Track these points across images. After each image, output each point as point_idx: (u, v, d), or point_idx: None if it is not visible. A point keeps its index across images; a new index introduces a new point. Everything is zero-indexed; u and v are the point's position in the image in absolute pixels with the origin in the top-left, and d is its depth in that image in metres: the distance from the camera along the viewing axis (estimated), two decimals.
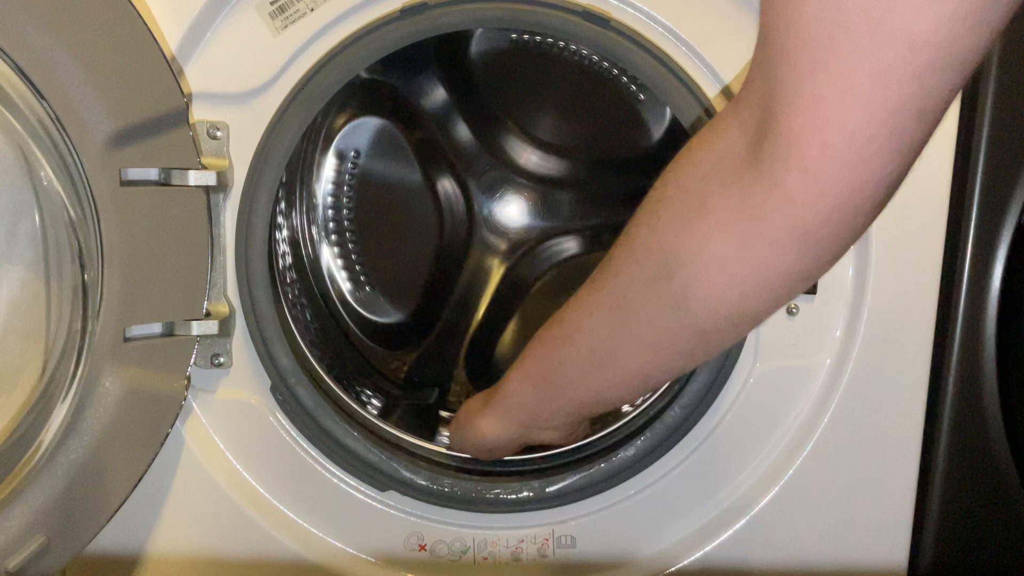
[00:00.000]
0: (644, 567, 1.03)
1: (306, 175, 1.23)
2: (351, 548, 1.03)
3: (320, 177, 1.24)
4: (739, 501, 1.01)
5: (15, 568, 0.83)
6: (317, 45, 0.91)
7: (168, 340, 0.90)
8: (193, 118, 0.91)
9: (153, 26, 0.87)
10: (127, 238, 0.85)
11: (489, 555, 1.03)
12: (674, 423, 0.99)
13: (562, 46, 1.15)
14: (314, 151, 1.23)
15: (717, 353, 0.74)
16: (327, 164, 1.24)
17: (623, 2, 0.91)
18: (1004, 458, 0.96)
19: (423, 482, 1.01)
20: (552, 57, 1.18)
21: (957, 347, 0.94)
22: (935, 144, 0.89)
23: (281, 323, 0.97)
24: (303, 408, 0.98)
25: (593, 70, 1.17)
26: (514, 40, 1.19)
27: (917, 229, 0.92)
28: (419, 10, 0.89)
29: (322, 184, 1.25)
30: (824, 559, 1.01)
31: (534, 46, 1.18)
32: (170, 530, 1.00)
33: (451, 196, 1.28)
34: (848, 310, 0.96)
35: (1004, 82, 0.89)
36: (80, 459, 0.86)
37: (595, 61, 1.15)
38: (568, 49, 1.15)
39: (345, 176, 1.25)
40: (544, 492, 1.01)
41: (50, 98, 0.80)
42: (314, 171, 1.24)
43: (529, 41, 1.17)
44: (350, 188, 1.26)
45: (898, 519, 0.99)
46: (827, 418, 0.97)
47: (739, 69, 0.91)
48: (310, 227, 1.25)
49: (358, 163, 1.25)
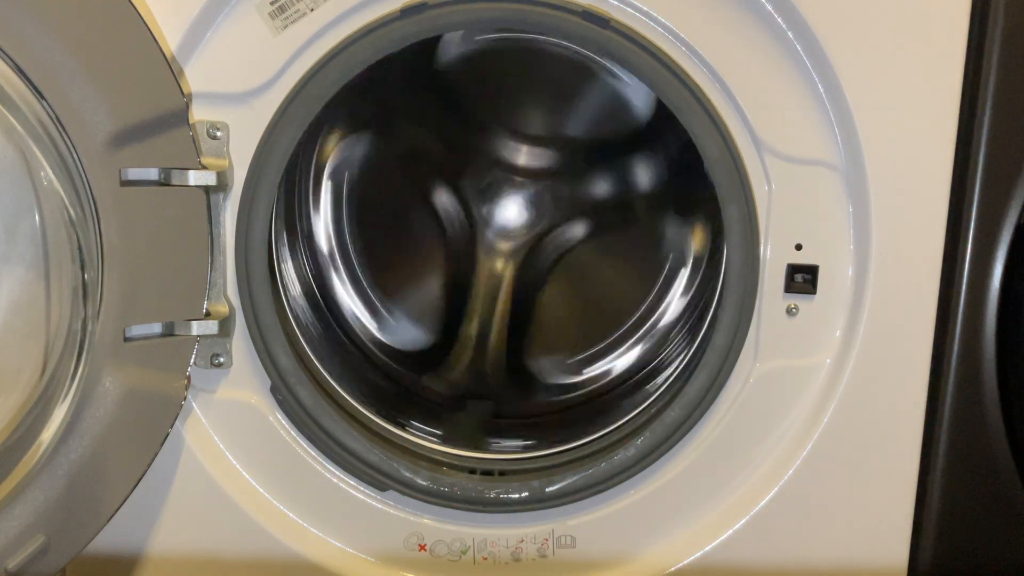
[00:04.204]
0: (644, 567, 1.03)
1: (304, 214, 1.24)
2: (351, 548, 1.04)
3: (319, 212, 1.25)
4: (739, 501, 1.01)
5: (15, 568, 0.83)
6: (317, 45, 0.92)
7: (168, 340, 0.90)
8: (193, 118, 0.91)
9: (153, 26, 0.87)
10: (127, 238, 0.85)
11: (489, 555, 1.03)
12: (674, 423, 0.99)
13: (531, 37, 1.15)
14: (308, 186, 1.24)
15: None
16: (323, 199, 1.25)
17: (623, 2, 0.91)
18: (1004, 458, 0.96)
19: (423, 482, 1.01)
20: (526, 50, 1.18)
21: (957, 347, 0.94)
22: (935, 144, 0.90)
23: (281, 323, 0.97)
24: (303, 408, 0.98)
25: (569, 57, 1.17)
26: (483, 41, 1.19)
27: (917, 229, 0.92)
28: (419, 10, 0.89)
29: (322, 221, 1.25)
30: (824, 559, 1.01)
31: (504, 43, 1.18)
32: (170, 530, 1.00)
33: (449, 208, 1.28)
34: (848, 310, 0.96)
35: (1004, 82, 0.89)
36: (80, 459, 0.86)
37: (569, 47, 1.15)
38: (538, 39, 1.15)
39: (343, 207, 1.26)
40: (544, 492, 1.01)
41: (50, 98, 0.80)
42: (310, 206, 1.24)
43: (498, 39, 1.17)
44: (350, 218, 1.26)
45: (898, 519, 0.99)
46: (827, 418, 0.97)
47: (739, 69, 0.91)
48: (320, 270, 1.26)
49: (353, 189, 1.26)
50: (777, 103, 0.92)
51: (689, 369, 1.02)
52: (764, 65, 0.91)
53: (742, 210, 0.93)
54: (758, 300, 0.96)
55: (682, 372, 1.06)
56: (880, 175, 0.91)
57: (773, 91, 0.92)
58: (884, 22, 0.88)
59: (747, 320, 0.96)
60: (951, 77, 0.89)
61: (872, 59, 0.89)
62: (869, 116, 0.90)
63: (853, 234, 0.95)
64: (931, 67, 0.89)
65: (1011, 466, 0.96)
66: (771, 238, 0.95)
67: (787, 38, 0.90)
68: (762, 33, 0.90)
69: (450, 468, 1.04)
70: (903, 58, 0.89)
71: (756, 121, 0.92)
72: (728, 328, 0.96)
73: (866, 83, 0.89)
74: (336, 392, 1.05)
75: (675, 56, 0.91)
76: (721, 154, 0.92)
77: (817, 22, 0.88)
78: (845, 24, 0.88)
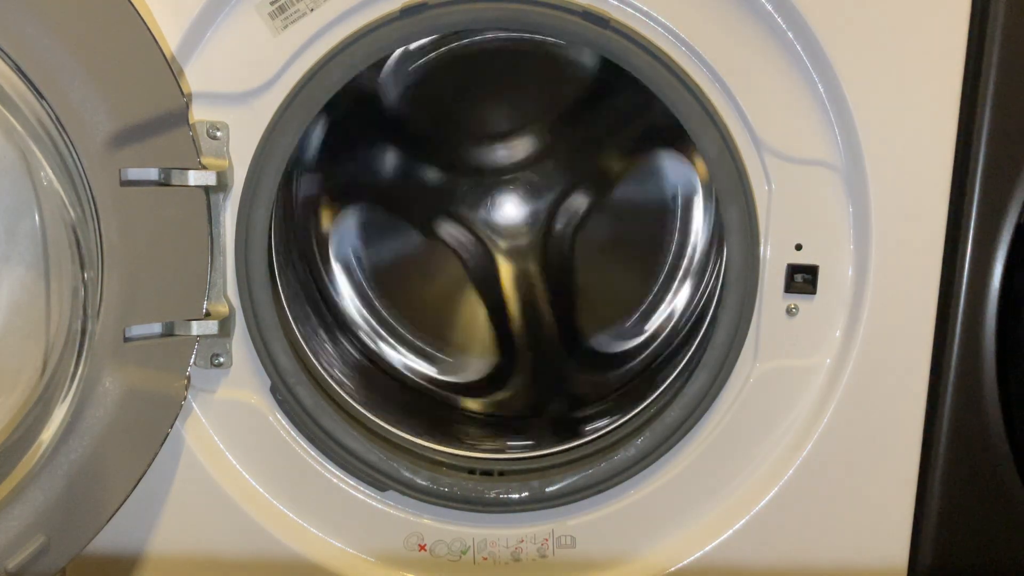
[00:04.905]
0: (644, 567, 1.03)
1: (330, 304, 1.25)
2: (351, 548, 1.04)
3: (343, 296, 1.26)
4: (739, 501, 1.01)
5: (15, 568, 0.83)
6: (317, 45, 0.92)
7: (168, 340, 0.90)
8: (193, 118, 0.91)
9: (153, 26, 0.87)
10: (127, 238, 0.85)
11: (489, 555, 1.03)
12: (674, 423, 0.99)
13: (460, 33, 1.16)
14: (324, 278, 1.26)
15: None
16: (338, 280, 1.26)
17: (623, 2, 0.91)
18: (1004, 458, 0.96)
19: (423, 482, 1.01)
20: (461, 56, 1.19)
21: (957, 347, 0.94)
22: (935, 144, 0.90)
23: (281, 323, 0.97)
24: (303, 408, 0.98)
25: (504, 48, 1.18)
26: (417, 67, 1.20)
27: (917, 229, 0.92)
28: (419, 10, 0.89)
29: (350, 304, 1.27)
30: (824, 559, 1.01)
31: (439, 59, 1.19)
32: (170, 530, 1.00)
33: (457, 236, 1.29)
34: (848, 310, 0.96)
35: (1004, 82, 0.89)
36: (80, 459, 0.86)
37: (506, 34, 1.16)
38: (470, 32, 1.15)
39: (363, 282, 1.27)
40: (544, 492, 1.01)
41: (50, 98, 0.80)
42: (333, 294, 1.26)
43: (428, 46, 1.18)
44: (374, 288, 1.28)
45: (898, 519, 0.99)
46: (827, 418, 0.97)
47: (739, 69, 0.91)
48: (366, 348, 1.27)
49: (362, 260, 1.27)
50: (777, 103, 0.92)
51: (689, 369, 1.02)
52: (764, 65, 0.91)
53: (742, 210, 0.93)
54: (758, 300, 0.96)
55: (682, 372, 1.06)
56: (880, 175, 0.91)
57: (773, 91, 0.92)
58: (884, 22, 0.88)
59: (747, 320, 0.96)
60: (951, 77, 0.89)
61: (872, 59, 0.89)
62: (869, 116, 0.90)
63: (853, 234, 0.95)
64: (931, 67, 0.89)
65: (1011, 466, 0.96)
66: (771, 238, 0.95)
67: (787, 38, 0.90)
68: (762, 33, 0.90)
69: (450, 468, 1.04)
70: (903, 58, 0.89)
71: (756, 121, 0.92)
72: (728, 328, 0.96)
73: (866, 83, 0.89)
74: (336, 392, 1.05)
75: (675, 56, 0.91)
76: (721, 154, 0.92)
77: (817, 22, 0.88)
78: (845, 24, 0.88)
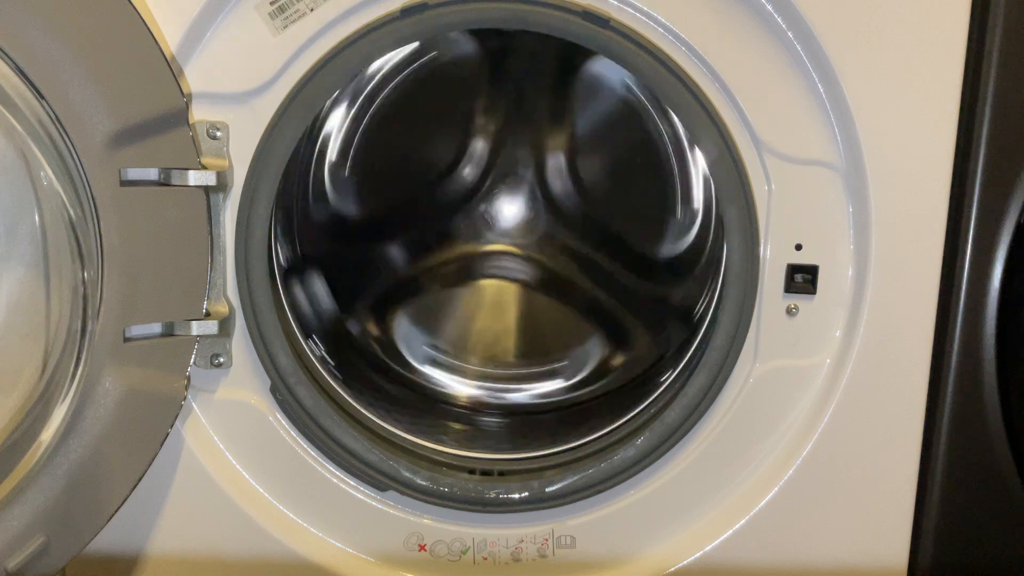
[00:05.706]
0: (644, 567, 1.03)
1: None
2: (351, 548, 1.04)
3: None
4: (739, 501, 1.01)
5: (15, 568, 0.83)
6: (317, 45, 0.91)
7: (168, 340, 0.90)
8: (193, 118, 0.91)
9: (153, 26, 0.87)
10: (127, 238, 0.85)
11: (489, 555, 1.03)
12: (674, 423, 0.99)
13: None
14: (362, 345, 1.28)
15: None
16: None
17: (623, 2, 0.91)
18: (1004, 458, 0.96)
19: (423, 482, 1.01)
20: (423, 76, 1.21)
21: (957, 347, 0.94)
22: (935, 144, 0.90)
23: (281, 323, 0.97)
24: (303, 408, 0.98)
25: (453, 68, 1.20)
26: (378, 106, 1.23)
27: (917, 229, 0.92)
28: (419, 10, 0.89)
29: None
30: (824, 559, 1.01)
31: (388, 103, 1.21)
32: (170, 530, 1.00)
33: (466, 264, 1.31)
34: (848, 310, 0.96)
35: (1004, 82, 0.89)
36: (80, 459, 0.86)
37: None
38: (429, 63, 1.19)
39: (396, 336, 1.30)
40: (544, 492, 1.01)
41: (50, 98, 0.80)
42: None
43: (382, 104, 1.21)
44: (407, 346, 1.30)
45: (898, 519, 0.99)
46: (827, 418, 0.97)
47: (739, 69, 0.91)
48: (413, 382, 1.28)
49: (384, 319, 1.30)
50: (777, 103, 0.92)
51: (689, 369, 1.02)
52: (764, 65, 0.91)
53: (742, 210, 0.93)
54: (758, 300, 0.96)
55: (682, 372, 1.06)
56: (880, 175, 0.91)
57: (773, 91, 0.92)
58: (884, 22, 0.88)
59: (747, 320, 0.96)
60: (951, 77, 0.89)
61: (872, 59, 0.89)
62: (869, 116, 0.90)
63: (853, 234, 0.95)
64: (931, 67, 0.89)
65: (1011, 466, 0.96)
66: (771, 238, 0.95)
67: (787, 38, 0.90)
68: (762, 33, 0.90)
69: (450, 468, 1.04)
70: (903, 58, 0.89)
71: (756, 121, 0.92)
72: (728, 328, 0.96)
73: (866, 83, 0.89)
74: (336, 392, 1.05)
75: (675, 56, 0.91)
76: (721, 154, 0.92)
77: (817, 22, 0.88)
78: (845, 24, 0.88)
